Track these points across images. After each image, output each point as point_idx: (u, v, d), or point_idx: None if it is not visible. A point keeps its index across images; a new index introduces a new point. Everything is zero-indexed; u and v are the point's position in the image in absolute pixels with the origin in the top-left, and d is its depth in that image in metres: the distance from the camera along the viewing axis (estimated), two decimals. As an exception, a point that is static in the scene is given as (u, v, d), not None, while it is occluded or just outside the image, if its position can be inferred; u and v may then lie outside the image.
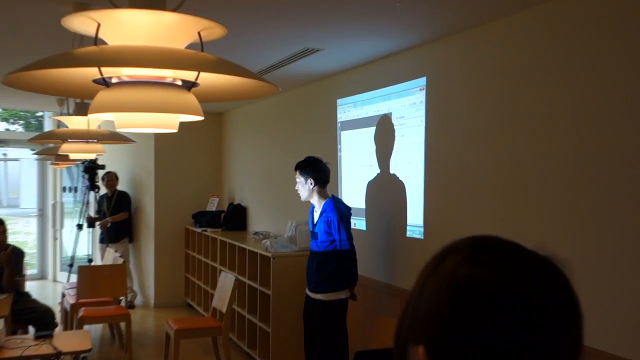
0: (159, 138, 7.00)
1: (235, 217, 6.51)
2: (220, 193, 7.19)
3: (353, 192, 4.33)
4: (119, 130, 1.37)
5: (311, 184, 3.64)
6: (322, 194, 3.66)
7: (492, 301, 0.57)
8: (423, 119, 3.53)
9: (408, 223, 3.69)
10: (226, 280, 4.68)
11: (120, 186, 7.27)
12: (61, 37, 3.16)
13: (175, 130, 1.40)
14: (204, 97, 1.44)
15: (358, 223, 4.26)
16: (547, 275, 0.60)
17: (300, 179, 3.65)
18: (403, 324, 0.63)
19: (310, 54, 3.85)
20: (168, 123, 1.38)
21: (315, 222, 3.68)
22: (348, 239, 3.57)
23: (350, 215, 3.67)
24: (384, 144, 4.09)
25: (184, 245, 7.13)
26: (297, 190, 3.71)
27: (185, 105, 1.32)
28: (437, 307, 0.59)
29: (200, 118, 1.34)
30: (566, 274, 0.61)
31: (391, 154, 3.95)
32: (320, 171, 3.68)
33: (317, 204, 3.68)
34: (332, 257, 3.59)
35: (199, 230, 6.52)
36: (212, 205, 6.96)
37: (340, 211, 3.58)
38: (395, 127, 3.81)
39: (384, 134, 4.10)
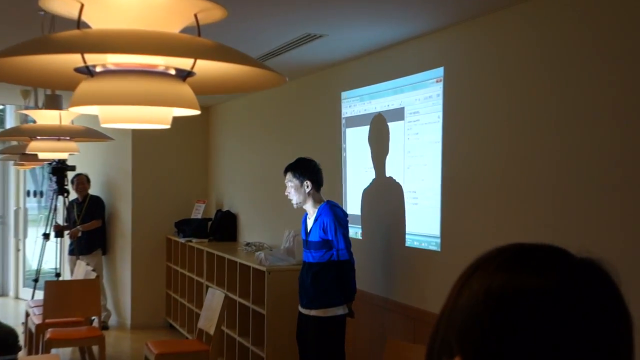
0: (138, 136, 7.00)
1: (224, 226, 6.51)
2: (207, 198, 7.19)
3: (358, 198, 4.33)
4: (104, 125, 1.36)
5: (307, 187, 3.64)
6: (316, 199, 3.68)
7: (534, 307, 0.59)
8: (440, 114, 3.53)
9: (422, 233, 3.69)
10: (214, 297, 4.66)
11: (93, 190, 7.26)
12: (29, 22, 3.15)
13: (168, 126, 1.39)
14: (201, 88, 1.44)
15: (355, 231, 4.29)
16: (593, 278, 0.62)
17: (293, 182, 3.66)
18: (436, 338, 0.66)
19: (311, 41, 3.85)
20: (160, 118, 1.37)
21: (308, 229, 3.68)
22: (346, 246, 3.58)
23: (347, 220, 3.68)
24: (378, 146, 4.10)
25: (165, 257, 7.13)
26: (287, 195, 3.71)
27: (180, 98, 1.31)
28: (474, 316, 0.62)
29: (197, 112, 1.33)
30: (613, 277, 0.63)
31: (386, 156, 3.98)
32: (316, 172, 3.71)
33: (311, 210, 3.69)
34: (329, 268, 3.60)
35: (182, 240, 6.51)
36: (198, 212, 6.95)
37: (337, 215, 3.60)
38: (407, 124, 3.81)
39: (378, 134, 4.11)
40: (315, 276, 3.62)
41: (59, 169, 6.92)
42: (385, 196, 4.03)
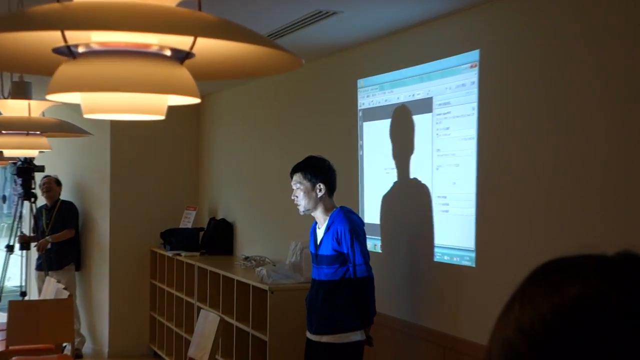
0: (118, 131, 7.03)
1: (218, 237, 6.52)
2: (198, 204, 7.20)
3: (378, 204, 4.33)
4: (87, 116, 1.36)
5: (320, 190, 3.64)
6: (328, 205, 3.69)
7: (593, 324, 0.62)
8: (475, 105, 3.53)
9: (454, 246, 3.69)
10: (207, 321, 4.66)
11: (64, 195, 7.29)
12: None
13: (162, 117, 1.39)
14: (201, 72, 1.43)
15: (373, 243, 4.29)
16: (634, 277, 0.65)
17: (302, 184, 3.65)
18: None
19: (322, 19, 3.86)
20: (153, 107, 1.37)
21: (318, 241, 3.68)
22: (365, 260, 3.57)
23: (364, 230, 3.68)
24: (402, 143, 4.10)
25: (150, 274, 7.15)
26: (293, 200, 3.71)
27: (177, 83, 1.30)
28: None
29: (197, 100, 1.32)
30: None
31: (411, 154, 3.98)
32: (331, 174, 3.72)
33: (322, 218, 3.69)
34: (344, 285, 3.60)
35: (169, 253, 6.53)
36: (188, 221, 6.96)
37: (353, 223, 3.59)
38: (436, 117, 3.81)
39: (401, 129, 4.11)
40: (327, 296, 3.61)
41: (25, 169, 6.91)
42: (410, 202, 4.02)
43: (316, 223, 3.77)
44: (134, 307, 7.12)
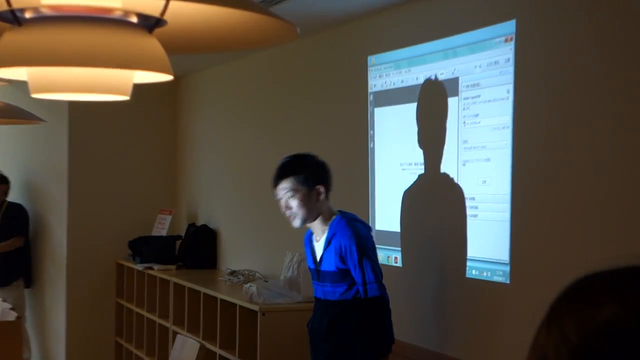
0: (77, 117, 7.04)
1: (199, 247, 6.52)
2: (175, 207, 7.21)
3: (393, 208, 4.33)
4: (35, 96, 1.36)
5: (321, 194, 3.61)
6: (327, 212, 3.65)
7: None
8: (510, 88, 3.53)
9: (483, 258, 3.69)
10: (185, 348, 4.65)
11: (12, 196, 7.30)
12: None
13: (127, 97, 1.38)
14: (174, 44, 1.43)
15: (387, 255, 4.26)
16: None
17: (297, 191, 3.57)
18: None
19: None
20: (115, 85, 1.36)
21: (318, 255, 3.66)
22: (376, 277, 3.54)
23: (373, 240, 3.67)
24: (432, 129, 4.06)
25: (115, 291, 7.15)
26: (285, 214, 3.67)
27: (145, 56, 1.30)
28: None
29: (169, 77, 1.32)
30: None
31: (443, 145, 3.94)
32: (328, 171, 3.68)
33: (320, 229, 3.65)
34: (353, 309, 3.58)
35: (139, 267, 6.53)
36: (162, 228, 6.97)
37: (359, 234, 3.55)
38: (463, 102, 3.81)
39: (432, 109, 4.08)
40: (334, 322, 3.60)
41: (-35, 164, 6.96)
42: (438, 204, 4.02)
43: (310, 232, 3.75)
44: (97, 331, 7.11)
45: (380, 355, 3.59)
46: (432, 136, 4.07)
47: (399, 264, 4.27)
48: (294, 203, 3.58)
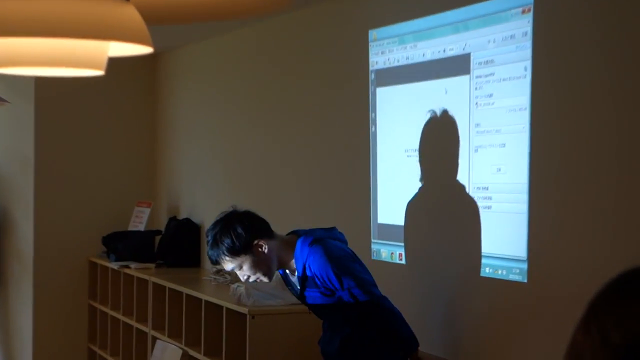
0: (45, 98, 7.01)
1: (181, 243, 6.51)
2: (154, 199, 7.20)
3: (397, 199, 4.34)
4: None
5: (262, 247, 3.61)
6: (284, 250, 3.66)
7: None
8: (528, 64, 3.52)
9: (498, 254, 3.69)
10: (165, 355, 4.67)
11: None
12: None
13: (101, 72, 1.38)
14: (154, 14, 1.42)
15: (391, 251, 4.26)
16: None
17: (244, 261, 3.60)
18: None
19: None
20: (87, 59, 1.36)
21: (299, 291, 3.71)
22: (363, 283, 3.56)
23: (342, 244, 3.68)
24: (432, 115, 4.08)
25: (88, 292, 7.14)
26: (250, 282, 3.74)
27: (121, 26, 1.29)
28: None
29: (148, 50, 1.32)
30: None
31: (445, 130, 3.96)
32: (250, 220, 3.67)
33: (288, 266, 3.71)
34: (358, 319, 3.62)
35: (114, 266, 6.52)
36: (140, 222, 6.96)
37: (328, 252, 3.56)
38: (475, 81, 3.81)
39: (430, 96, 4.08)
40: (347, 342, 3.63)
41: None
42: (447, 195, 4.01)
43: (282, 273, 3.80)
44: (67, 336, 7.10)
45: (407, 354, 3.64)
46: (434, 123, 4.07)
47: (403, 261, 4.26)
48: (249, 272, 3.63)
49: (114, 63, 1.53)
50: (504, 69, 3.65)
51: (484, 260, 3.76)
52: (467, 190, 3.85)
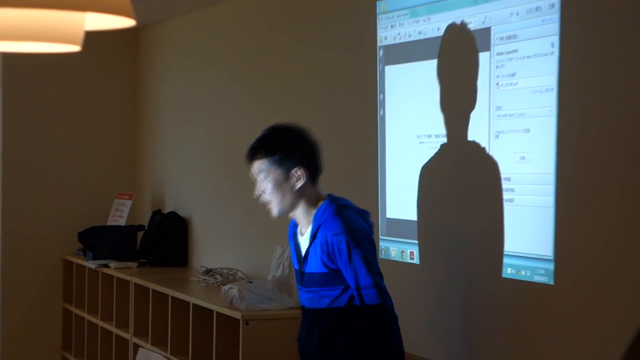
0: (13, 76, 7.02)
1: (166, 240, 6.53)
2: (135, 191, 7.21)
3: (408, 191, 4.33)
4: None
5: (299, 178, 3.61)
6: (312, 198, 3.65)
7: None
8: (556, 40, 3.51)
9: (521, 253, 3.69)
10: (149, 365, 4.68)
11: None
12: None
13: (77, 48, 1.36)
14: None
15: (401, 249, 4.26)
16: None
17: (270, 173, 3.60)
18: None
19: None
20: (62, 32, 1.34)
21: (303, 252, 3.67)
22: (374, 281, 3.54)
23: (370, 230, 3.66)
24: (447, 95, 4.05)
25: (62, 295, 7.16)
26: (261, 200, 3.68)
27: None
28: None
29: (130, 23, 1.30)
30: None
31: (471, 109, 3.94)
32: (311, 148, 3.67)
33: (305, 219, 3.66)
34: (349, 318, 3.58)
35: (92, 265, 6.54)
36: (120, 215, 6.97)
37: (348, 223, 3.55)
38: (496, 58, 3.80)
39: (456, 65, 4.07)
40: (327, 335, 3.61)
41: None
42: (464, 186, 4.01)
43: (294, 223, 3.75)
44: (39, 344, 7.11)
45: None
46: (450, 105, 4.06)
47: (416, 260, 4.26)
48: (267, 187, 3.61)
49: (92, 38, 1.51)
50: (528, 45, 3.64)
51: (506, 260, 3.76)
52: (495, 176, 3.83)
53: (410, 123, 4.33)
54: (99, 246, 6.62)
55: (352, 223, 3.54)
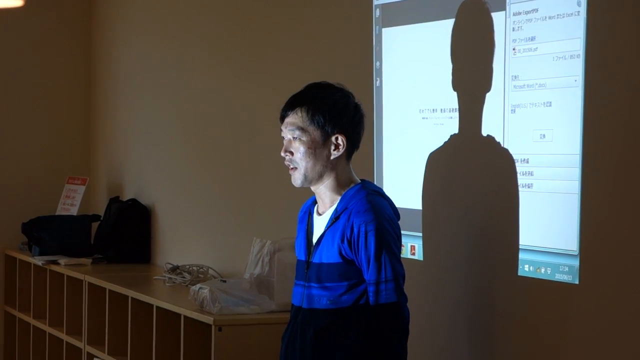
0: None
1: (125, 232, 6.55)
2: (89, 175, 7.20)
3: (409, 175, 4.32)
4: None
5: (338, 148, 3.59)
6: (343, 176, 3.65)
7: None
8: (582, 13, 3.50)
9: (541, 247, 3.71)
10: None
11: None
12: None
13: (19, 3, 1.34)
14: None
15: (406, 243, 4.29)
16: None
17: (307, 131, 3.58)
18: None
19: None
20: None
21: (317, 235, 3.67)
22: (395, 278, 3.54)
23: (399, 227, 3.67)
24: (456, 62, 4.07)
25: (4, 296, 7.21)
26: (284, 158, 3.66)
27: None
28: None
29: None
30: None
31: (487, 89, 3.95)
32: (359, 120, 3.66)
33: (328, 198, 3.66)
34: (352, 320, 3.58)
35: (38, 261, 6.54)
36: (71, 204, 6.98)
37: (381, 213, 3.55)
38: (512, 20, 3.82)
39: (470, 31, 4.09)
40: (321, 337, 3.60)
41: None
42: (475, 169, 4.03)
43: (313, 202, 3.74)
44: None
45: None
46: (459, 74, 4.07)
47: (418, 256, 4.28)
48: (299, 148, 3.58)
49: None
50: (550, 3, 3.65)
51: (524, 256, 3.77)
52: (509, 164, 3.84)
53: (411, 95, 4.34)
54: (47, 240, 6.62)
55: (384, 213, 3.54)
